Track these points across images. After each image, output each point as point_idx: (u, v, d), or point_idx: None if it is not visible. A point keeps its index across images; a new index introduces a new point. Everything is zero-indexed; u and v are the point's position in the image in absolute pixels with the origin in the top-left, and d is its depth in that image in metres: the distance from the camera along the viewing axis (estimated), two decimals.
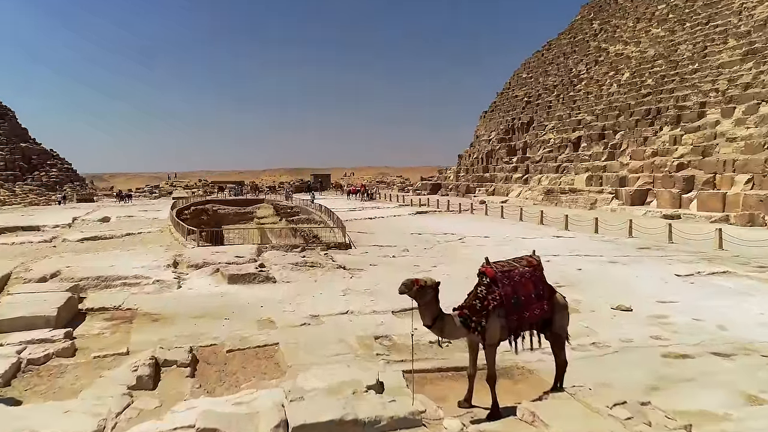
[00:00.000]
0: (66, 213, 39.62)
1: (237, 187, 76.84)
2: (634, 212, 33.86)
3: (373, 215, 35.23)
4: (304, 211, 41.64)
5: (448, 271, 14.94)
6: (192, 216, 45.38)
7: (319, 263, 14.81)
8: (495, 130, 62.54)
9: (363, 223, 30.63)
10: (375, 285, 12.97)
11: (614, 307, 10.73)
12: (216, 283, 12.99)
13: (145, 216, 36.29)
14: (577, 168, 43.38)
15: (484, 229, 26.16)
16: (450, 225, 28.43)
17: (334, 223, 25.72)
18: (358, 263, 16.08)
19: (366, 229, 26.46)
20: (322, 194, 73.10)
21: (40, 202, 65.26)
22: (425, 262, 16.44)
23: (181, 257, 15.48)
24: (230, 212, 58.06)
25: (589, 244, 20.59)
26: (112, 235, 23.79)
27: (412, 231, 25.32)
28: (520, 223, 29.21)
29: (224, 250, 16.69)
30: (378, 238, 22.61)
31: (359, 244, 21.02)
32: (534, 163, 49.99)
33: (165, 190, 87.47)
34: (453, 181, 65.07)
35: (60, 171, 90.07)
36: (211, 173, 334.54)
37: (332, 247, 19.08)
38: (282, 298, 11.68)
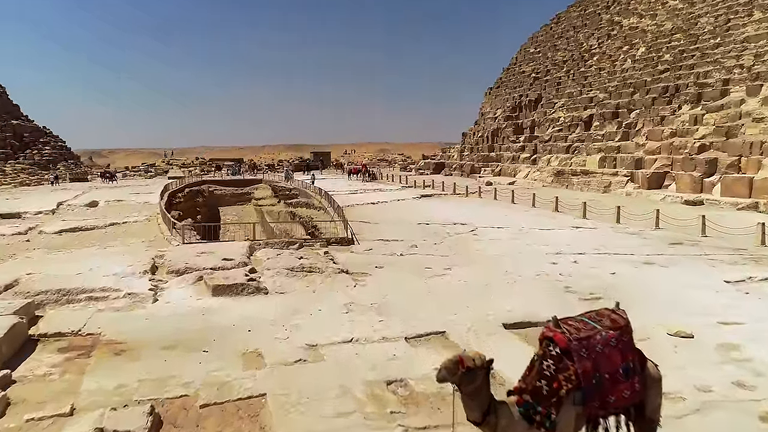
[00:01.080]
0: (53, 196, 37.73)
1: (235, 166, 74.78)
2: (651, 196, 32.02)
3: (376, 199, 33.36)
4: (303, 194, 39.78)
5: (465, 275, 13.17)
6: (186, 198, 43.53)
7: (318, 268, 13.00)
8: (501, 107, 60.29)
9: (365, 209, 28.78)
10: (383, 297, 11.19)
11: (672, 333, 8.93)
12: (198, 295, 11.20)
13: (135, 200, 34.42)
14: (589, 148, 41.36)
15: (495, 218, 24.32)
16: (458, 212, 26.57)
17: (335, 210, 23.86)
18: (362, 265, 14.27)
19: (369, 218, 24.61)
20: (322, 173, 71.13)
21: (31, 182, 63.39)
22: (437, 263, 14.64)
23: (162, 259, 13.67)
24: (227, 193, 56.19)
25: (615, 238, 18.76)
26: (95, 225, 21.96)
27: (419, 220, 23.47)
28: (533, 210, 27.35)
29: (212, 249, 14.87)
30: (382, 230, 20.78)
31: (362, 237, 19.21)
32: (543, 143, 47.92)
33: (161, 169, 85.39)
34: (457, 160, 63.01)
35: (53, 149, 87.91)
36: (211, 149, 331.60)
37: (333, 243, 17.27)
38: (274, 317, 9.89)
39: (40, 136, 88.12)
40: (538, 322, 9.66)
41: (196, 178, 58.54)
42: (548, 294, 11.50)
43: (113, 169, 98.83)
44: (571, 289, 11.90)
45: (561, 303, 10.83)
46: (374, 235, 19.66)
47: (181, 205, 38.71)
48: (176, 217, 29.95)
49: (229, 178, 59.56)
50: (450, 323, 9.50)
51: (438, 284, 12.34)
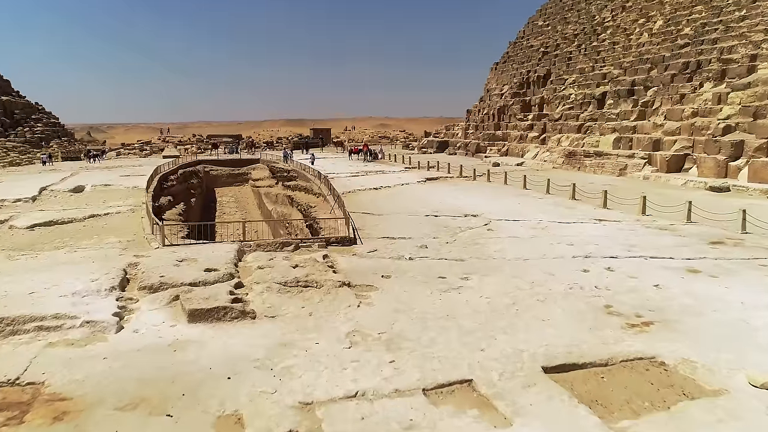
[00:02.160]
0: (38, 180, 35.81)
1: (232, 145, 72.56)
2: (671, 181, 30.14)
3: (378, 184, 31.43)
4: (302, 176, 37.85)
5: (485, 289, 11.36)
6: (180, 181, 41.59)
7: (315, 281, 11.17)
8: (508, 83, 57.92)
9: (367, 195, 26.89)
10: (392, 323, 9.39)
11: (757, 385, 7.14)
12: (172, 320, 9.40)
13: (124, 184, 32.50)
14: (602, 128, 39.27)
15: (509, 208, 22.46)
16: (468, 200, 24.70)
17: (335, 200, 21.98)
18: (366, 273, 12.45)
19: (372, 207, 22.74)
20: (323, 151, 69.06)
21: (21, 161, 61.29)
22: (451, 270, 12.82)
23: (136, 269, 11.86)
24: (224, 174, 54.24)
25: (645, 235, 16.91)
26: (73, 218, 20.10)
27: (426, 211, 21.61)
28: (548, 198, 25.45)
29: (195, 254, 13.02)
30: (387, 224, 18.94)
31: (366, 233, 17.37)
32: (552, 122, 45.77)
33: (156, 147, 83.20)
34: (461, 138, 60.87)
35: (46, 126, 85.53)
36: (210, 124, 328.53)
37: (333, 243, 15.43)
38: (262, 354, 8.11)
39: (32, 113, 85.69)
40: (584, 363, 7.90)
41: (192, 158, 56.50)
42: (587, 317, 9.70)
43: (108, 146, 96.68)
44: (613, 310, 10.10)
45: (605, 330, 9.05)
46: (379, 231, 17.82)
47: (173, 189, 36.82)
48: (166, 203, 28.15)
49: (225, 157, 57.48)
50: (477, 365, 7.72)
51: (456, 302, 10.53)
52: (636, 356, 8.12)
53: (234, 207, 49.63)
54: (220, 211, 49.05)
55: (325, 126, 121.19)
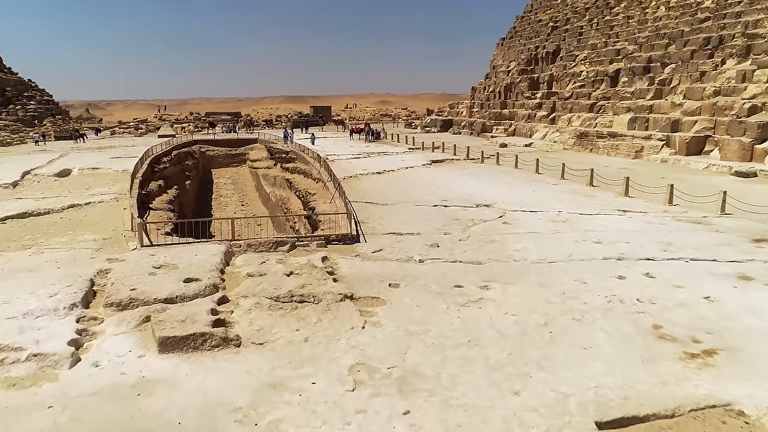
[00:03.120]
0: (23, 162, 34.13)
1: (230, 124, 70.54)
2: (691, 164, 28.42)
3: (381, 167, 29.71)
4: (301, 158, 36.09)
5: (510, 302, 9.78)
6: (174, 162, 39.83)
7: (313, 295, 9.58)
8: (515, 60, 55.76)
9: (370, 181, 25.21)
10: (403, 353, 7.84)
11: None
12: (141, 348, 7.84)
13: (113, 167, 30.82)
14: (616, 107, 37.37)
15: (523, 196, 20.82)
16: (478, 186, 23.04)
17: (336, 188, 20.31)
18: (371, 281, 10.86)
19: (376, 195, 21.09)
20: (323, 130, 67.14)
21: (12, 140, 59.38)
22: (469, 276, 11.23)
23: (106, 279, 10.28)
24: (220, 154, 52.48)
25: (679, 230, 15.27)
26: (50, 209, 18.49)
27: (434, 200, 19.96)
28: (563, 184, 23.77)
29: (176, 259, 11.40)
30: (393, 216, 17.30)
31: (370, 227, 15.76)
32: (562, 100, 43.81)
33: (153, 125, 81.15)
34: (466, 117, 58.91)
35: (39, 104, 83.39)
36: (210, 101, 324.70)
37: (334, 241, 13.82)
38: (246, 401, 6.57)
39: (24, 90, 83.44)
40: (646, 415, 6.35)
41: (188, 137, 54.63)
42: (636, 343, 8.14)
43: (104, 124, 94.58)
44: (664, 332, 8.53)
45: (661, 363, 7.49)
46: (384, 224, 16.19)
47: (166, 171, 35.12)
48: (156, 189, 26.50)
49: (222, 136, 55.61)
50: (513, 419, 6.18)
51: (477, 321, 8.96)
52: (707, 403, 6.57)
53: (231, 189, 47.97)
54: (216, 194, 47.42)
55: (325, 103, 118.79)
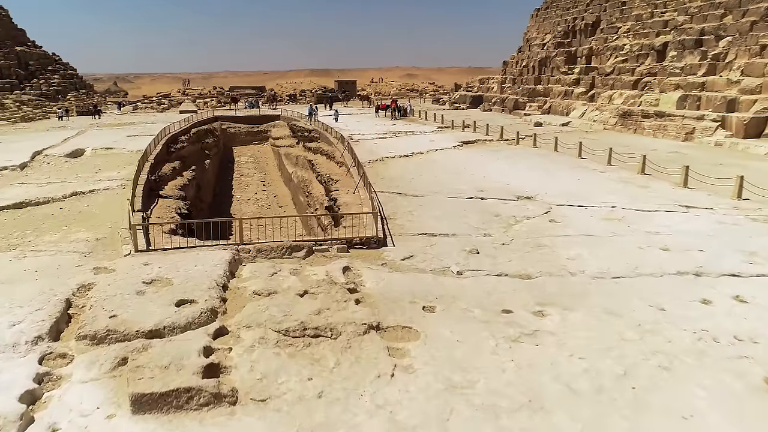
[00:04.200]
0: (40, 140, 33.00)
1: (253, 99, 68.76)
2: (750, 149, 25.80)
3: (409, 149, 27.68)
4: (324, 138, 34.21)
5: (576, 343, 7.87)
6: (193, 140, 38.31)
7: (330, 327, 7.78)
8: (550, 32, 52.63)
9: (397, 165, 23.25)
10: (445, 418, 6.03)
11: None
12: (111, 406, 6.16)
13: (128, 147, 29.39)
14: (663, 84, 34.52)
15: (567, 186, 18.70)
16: (516, 173, 20.94)
17: (360, 177, 18.41)
18: (401, 302, 9.04)
19: (404, 184, 19.17)
20: (346, 105, 64.92)
21: (35, 116, 58.65)
22: (518, 298, 9.32)
23: (86, 299, 8.63)
24: (242, 131, 50.87)
25: (760, 234, 13.06)
26: (50, 198, 17.02)
27: (469, 190, 17.95)
28: (610, 171, 21.51)
29: (169, 271, 9.67)
30: (424, 211, 15.37)
31: (398, 225, 13.89)
32: (603, 76, 40.94)
33: (175, 100, 79.90)
34: (497, 93, 56.15)
35: (63, 78, 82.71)
36: (236, 74, 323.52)
37: (357, 245, 12.00)
38: None
39: (48, 64, 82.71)
40: None
41: (210, 113, 53.04)
42: (748, 410, 6.21)
43: (128, 99, 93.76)
44: None
45: None
46: (414, 221, 14.29)
47: (184, 150, 33.59)
48: (170, 172, 24.94)
49: (244, 113, 53.90)
50: None
51: (537, 369, 7.08)
52: None
53: (253, 168, 46.41)
54: (237, 172, 45.93)
55: (350, 77, 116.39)
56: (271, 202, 39.59)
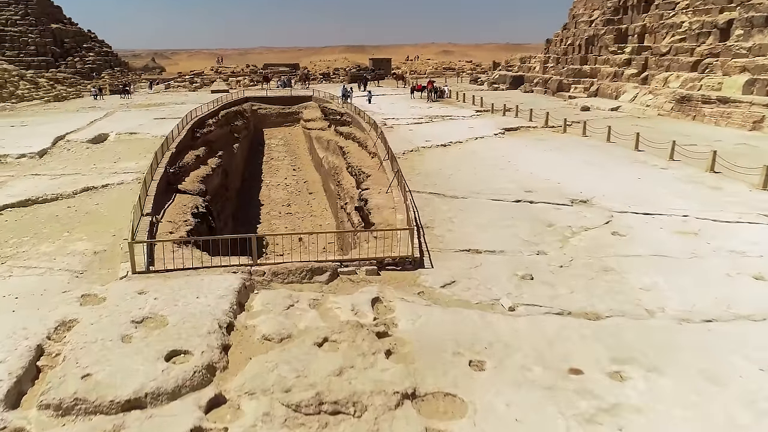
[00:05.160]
0: (67, 122, 32.22)
1: (285, 78, 67.21)
2: None
3: (447, 137, 25.70)
4: (356, 123, 32.42)
5: (670, 425, 6.02)
6: (222, 123, 36.99)
7: (354, 400, 6.13)
8: (599, 8, 49.34)
9: (434, 158, 21.37)
10: None
11: None
12: None
13: (153, 132, 28.17)
14: (727, 66, 31.51)
15: (627, 185, 16.62)
16: (567, 169, 18.86)
17: (395, 175, 16.62)
18: (442, 352, 7.34)
19: (441, 181, 17.33)
20: (378, 85, 62.71)
21: (69, 94, 58.30)
22: (588, 351, 7.50)
23: (61, 345, 7.17)
24: (273, 112, 49.49)
25: None
26: (59, 194, 15.77)
27: (516, 191, 15.98)
28: (674, 167, 19.24)
29: (166, 304, 8.15)
30: (465, 218, 13.54)
31: (436, 236, 12.12)
32: (657, 56, 37.90)
33: (208, 79, 78.94)
34: (539, 73, 53.26)
35: (98, 55, 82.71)
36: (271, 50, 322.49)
37: (390, 265, 10.29)
38: None
39: (83, 42, 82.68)
40: None
41: (241, 93, 51.67)
42: None
43: (161, 78, 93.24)
44: None
45: None
46: (454, 231, 12.50)
47: (211, 135, 32.28)
48: (193, 161, 23.57)
49: (275, 93, 52.38)
50: None
51: None
52: None
53: (283, 151, 44.99)
54: (267, 156, 44.60)
55: (385, 55, 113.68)
56: (301, 188, 38.17)
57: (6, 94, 49.08)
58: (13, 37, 70.58)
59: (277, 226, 32.35)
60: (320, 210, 33.96)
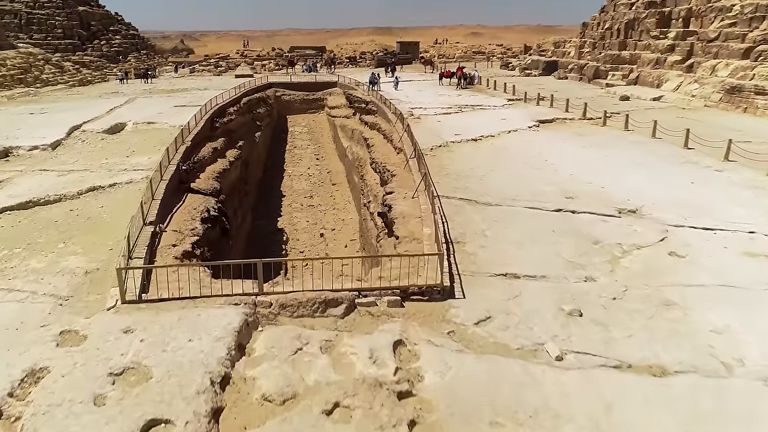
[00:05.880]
0: (87, 108, 31.58)
1: (310, 62, 65.78)
2: None
3: (478, 131, 24.11)
4: (381, 113, 31.02)
5: None
6: (243, 111, 35.88)
7: None
8: None
9: (464, 155, 19.89)
10: None
11: None
12: None
13: (171, 121, 27.15)
14: None
15: (679, 190, 15.00)
16: (611, 170, 17.24)
17: (421, 177, 15.21)
18: (474, 420, 6.05)
19: (473, 184, 15.88)
20: (402, 70, 60.70)
21: (94, 78, 57.84)
22: (653, 424, 6.13)
23: (24, 405, 6.07)
24: (297, 99, 48.21)
25: None
26: (62, 195, 14.77)
27: (555, 198, 14.43)
28: (729, 168, 17.46)
29: (149, 354, 6.95)
30: (500, 230, 12.11)
31: (468, 256, 10.75)
32: (704, 42, 35.45)
33: (233, 62, 77.96)
34: (574, 59, 50.91)
35: (124, 38, 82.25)
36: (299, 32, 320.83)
37: (415, 295, 8.97)
38: None
39: (110, 24, 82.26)
40: None
41: (266, 78, 50.47)
42: None
43: (187, 61, 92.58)
44: None
45: None
46: (488, 248, 11.10)
47: (232, 124, 31.21)
48: (209, 154, 22.50)
49: (300, 79, 51.03)
50: None
51: None
52: None
53: (307, 139, 43.76)
54: (291, 144, 43.42)
55: (412, 37, 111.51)
56: (324, 178, 36.96)
57: (31, 78, 48.68)
58: (41, 20, 70.40)
59: (298, 220, 31.28)
60: (343, 203, 32.73)
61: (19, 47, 54.61)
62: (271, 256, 25.94)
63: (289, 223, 30.60)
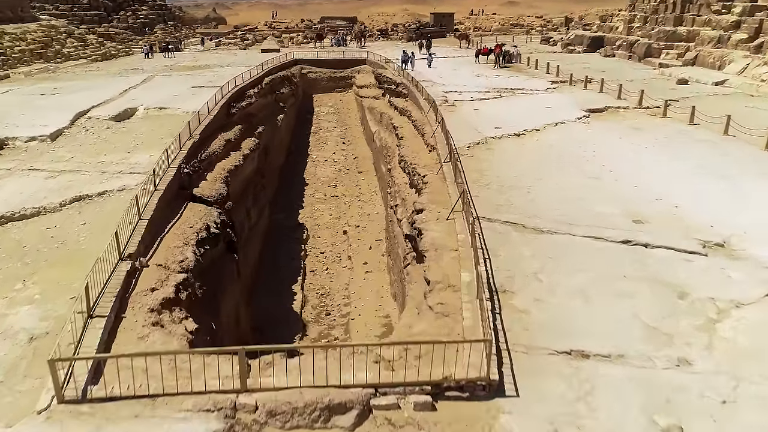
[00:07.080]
0: (103, 88, 29.92)
1: (339, 36, 62.83)
2: None
3: (521, 123, 21.42)
4: (413, 97, 28.40)
5: None
6: (266, 91, 33.60)
7: None
8: None
9: (506, 157, 17.34)
10: None
11: None
12: None
13: (185, 106, 25.05)
14: None
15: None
16: (683, 182, 14.55)
17: (460, 194, 12.78)
18: None
19: (519, 201, 13.39)
20: (440, 44, 57.43)
21: (118, 52, 56.13)
22: None
23: None
24: (323, 77, 45.73)
25: None
26: (42, 207, 12.79)
27: (621, 225, 11.87)
28: None
29: None
30: (557, 278, 9.66)
31: (516, 317, 8.42)
32: None
33: (261, 35, 75.36)
34: (623, 34, 46.96)
35: (150, 9, 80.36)
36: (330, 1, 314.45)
37: (449, 390, 6.71)
38: None
39: None
40: None
41: (293, 53, 47.93)
42: None
43: (218, 30, 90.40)
44: None
45: None
46: (543, 305, 8.74)
47: (252, 107, 29.00)
48: (219, 148, 20.43)
49: (327, 55, 48.32)
50: None
51: None
52: None
53: (333, 121, 41.35)
54: (316, 126, 41.09)
55: (447, 8, 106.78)
56: (350, 165, 34.63)
57: (51, 53, 47.12)
58: None
59: (321, 213, 29.16)
60: (369, 194, 30.46)
61: (41, 19, 53.11)
62: (286, 257, 24.06)
63: (310, 216, 28.52)
